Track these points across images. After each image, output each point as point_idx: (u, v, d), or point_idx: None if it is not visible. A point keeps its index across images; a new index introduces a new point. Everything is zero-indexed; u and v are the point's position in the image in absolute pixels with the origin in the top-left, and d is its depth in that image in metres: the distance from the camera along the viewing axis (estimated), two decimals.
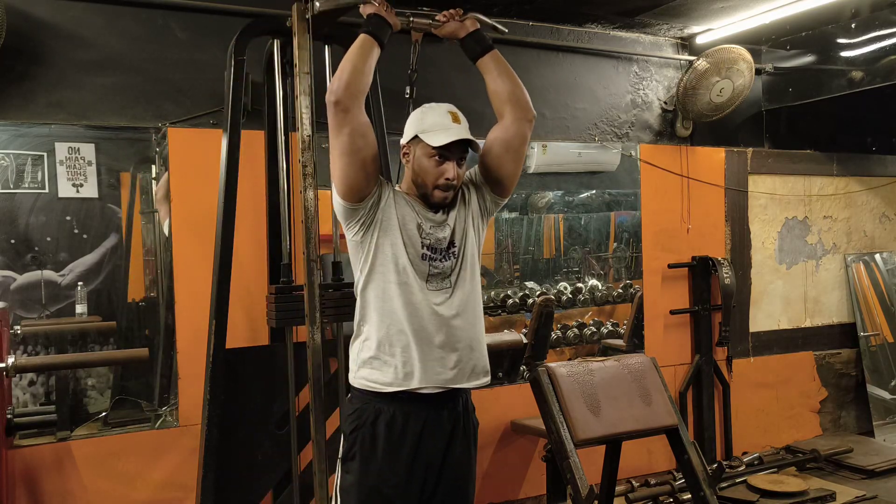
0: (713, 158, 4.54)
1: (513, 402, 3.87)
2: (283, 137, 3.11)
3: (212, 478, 2.90)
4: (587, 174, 4.69)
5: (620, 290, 4.75)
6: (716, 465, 2.70)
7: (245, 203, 3.08)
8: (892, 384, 5.06)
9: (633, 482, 3.54)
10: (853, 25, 4.07)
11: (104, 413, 3.23)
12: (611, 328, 4.67)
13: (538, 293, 4.46)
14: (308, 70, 2.73)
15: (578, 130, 4.15)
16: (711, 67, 4.10)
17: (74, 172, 3.21)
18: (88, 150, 3.22)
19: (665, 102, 4.39)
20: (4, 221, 3.16)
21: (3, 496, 2.61)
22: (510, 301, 4.47)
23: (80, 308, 3.28)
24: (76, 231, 3.30)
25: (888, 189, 5.22)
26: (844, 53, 4.16)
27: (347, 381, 2.30)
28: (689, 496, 2.88)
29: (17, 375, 2.81)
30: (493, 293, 4.56)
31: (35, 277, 3.23)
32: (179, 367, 3.16)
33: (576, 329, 4.57)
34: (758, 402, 4.68)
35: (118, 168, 3.39)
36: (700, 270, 4.42)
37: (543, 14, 3.83)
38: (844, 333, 5.04)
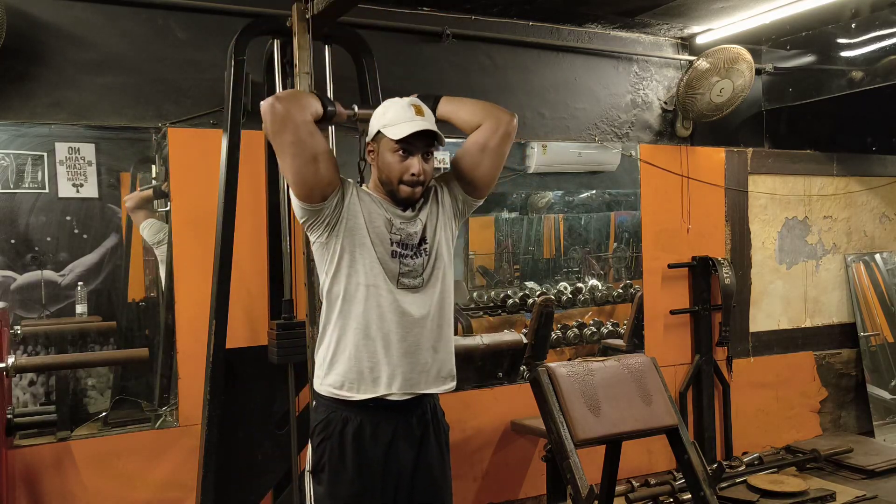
0: (713, 158, 4.54)
1: (513, 402, 3.87)
2: None
3: (212, 478, 2.91)
4: (587, 174, 4.69)
5: (620, 290, 4.76)
6: (716, 465, 2.70)
7: (245, 203, 3.08)
8: (892, 384, 5.06)
9: (633, 482, 3.53)
10: (853, 25, 4.07)
11: (104, 413, 3.24)
12: (611, 328, 4.67)
13: (538, 293, 4.46)
14: (308, 70, 2.73)
15: (578, 130, 4.15)
16: (711, 67, 4.10)
17: (74, 172, 3.21)
18: (88, 150, 3.22)
19: (665, 102, 4.38)
20: (5, 221, 3.16)
21: (3, 496, 2.61)
22: (510, 301, 4.48)
23: (80, 308, 3.29)
24: (76, 231, 3.31)
25: (888, 189, 5.22)
26: (844, 53, 4.16)
27: (312, 388, 2.25)
28: (689, 496, 2.88)
29: (17, 375, 2.81)
30: (493, 293, 4.56)
31: (35, 277, 3.24)
32: (179, 367, 3.16)
33: (576, 329, 4.58)
34: (758, 402, 4.68)
35: (118, 168, 3.39)
36: (700, 270, 4.41)
37: (543, 14, 3.83)
38: (844, 333, 5.04)
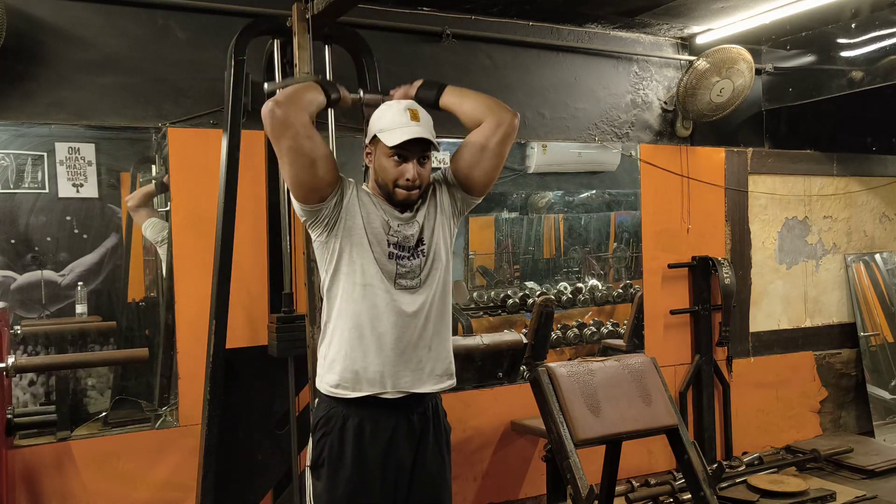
0: (713, 158, 4.54)
1: (513, 402, 3.87)
2: None
3: (212, 478, 2.90)
4: (587, 174, 4.69)
5: (620, 290, 4.76)
6: (716, 465, 2.70)
7: (245, 203, 3.08)
8: (892, 384, 5.06)
9: (633, 482, 3.53)
10: (853, 25, 4.07)
11: (104, 413, 3.24)
12: (611, 328, 4.67)
13: (538, 293, 4.47)
14: (308, 70, 2.73)
15: (578, 130, 4.15)
16: (711, 67, 4.10)
17: (74, 172, 3.21)
18: (88, 150, 3.22)
19: (665, 102, 4.38)
20: (5, 221, 3.16)
21: (3, 496, 2.61)
22: (510, 301, 4.48)
23: (80, 308, 3.29)
24: (76, 231, 3.31)
25: (888, 189, 5.22)
26: (844, 53, 4.16)
27: (314, 386, 2.26)
28: (689, 496, 2.89)
29: (17, 375, 2.80)
30: (493, 293, 4.57)
31: (35, 277, 3.23)
32: (179, 367, 3.15)
33: (576, 329, 4.58)
34: (758, 402, 4.68)
35: (118, 168, 3.40)
36: (700, 270, 4.41)
37: (543, 14, 3.83)
38: (844, 333, 5.04)
